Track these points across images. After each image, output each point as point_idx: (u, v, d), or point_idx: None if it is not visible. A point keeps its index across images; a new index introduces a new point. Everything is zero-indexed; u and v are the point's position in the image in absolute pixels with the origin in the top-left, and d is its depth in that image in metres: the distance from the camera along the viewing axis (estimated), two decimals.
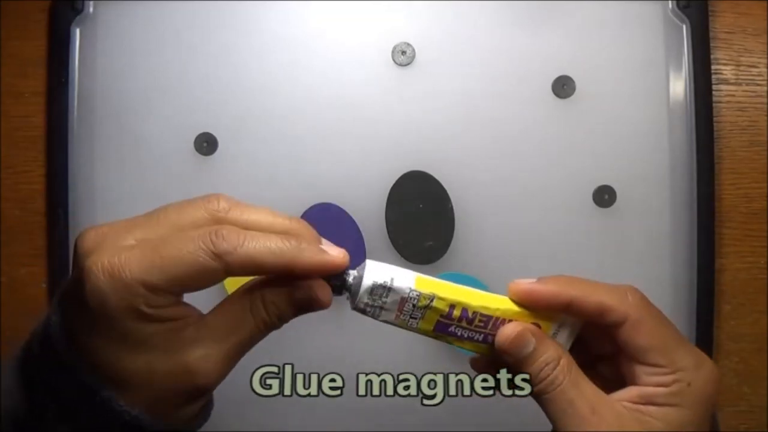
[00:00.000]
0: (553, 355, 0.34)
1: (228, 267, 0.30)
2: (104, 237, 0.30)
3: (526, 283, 0.35)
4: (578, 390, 0.34)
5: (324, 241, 0.33)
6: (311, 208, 0.48)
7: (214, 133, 0.49)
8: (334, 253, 0.32)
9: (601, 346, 0.35)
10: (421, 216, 0.48)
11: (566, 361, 0.34)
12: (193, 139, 0.49)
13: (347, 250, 0.49)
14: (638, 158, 0.49)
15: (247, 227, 0.31)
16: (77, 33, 0.49)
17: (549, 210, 0.49)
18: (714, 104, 0.49)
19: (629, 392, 0.34)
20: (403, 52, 0.49)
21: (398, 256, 0.48)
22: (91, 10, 0.49)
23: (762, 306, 0.50)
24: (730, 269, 0.50)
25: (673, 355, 0.34)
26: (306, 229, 0.32)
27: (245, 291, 0.32)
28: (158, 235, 0.30)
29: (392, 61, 0.49)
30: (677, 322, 0.49)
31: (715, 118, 0.49)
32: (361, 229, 0.48)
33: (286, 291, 0.32)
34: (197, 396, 0.32)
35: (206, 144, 0.49)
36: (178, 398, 0.31)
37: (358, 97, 0.49)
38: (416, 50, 0.49)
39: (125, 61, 0.49)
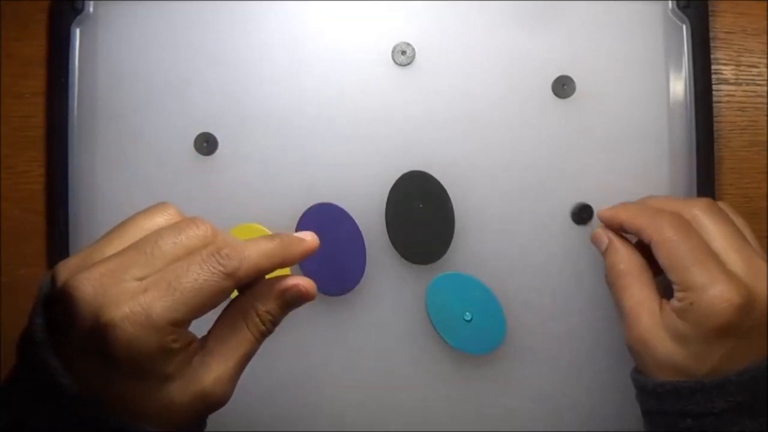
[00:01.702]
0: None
1: (238, 281, 0.32)
2: (104, 285, 0.30)
3: (605, 212, 0.43)
4: (635, 287, 0.40)
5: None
6: (311, 208, 0.48)
7: (214, 133, 0.49)
8: (309, 239, 0.36)
9: None
10: (421, 216, 0.48)
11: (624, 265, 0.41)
12: (193, 139, 0.49)
13: (347, 250, 0.49)
14: (638, 158, 0.49)
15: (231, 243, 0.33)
16: (77, 33, 0.49)
17: (549, 210, 0.49)
18: (714, 104, 0.49)
19: (667, 302, 0.38)
20: (403, 52, 0.49)
21: (398, 257, 0.48)
22: (91, 10, 0.49)
23: None
24: None
25: (684, 274, 0.37)
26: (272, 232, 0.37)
27: (237, 308, 0.35)
28: (158, 269, 0.31)
29: (392, 61, 0.49)
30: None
31: (715, 118, 0.49)
32: (361, 229, 0.48)
33: (276, 297, 0.35)
34: (210, 413, 0.34)
35: (206, 144, 0.49)
36: (195, 419, 0.33)
37: (358, 97, 0.49)
38: (416, 50, 0.49)
39: (125, 61, 0.49)
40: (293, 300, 0.35)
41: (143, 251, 0.32)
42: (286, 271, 0.48)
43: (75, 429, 0.31)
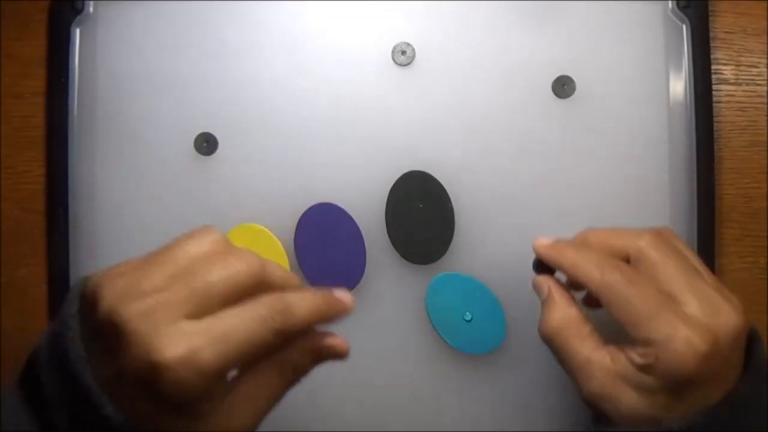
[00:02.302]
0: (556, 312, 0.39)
1: (284, 337, 0.33)
2: (156, 322, 0.31)
3: (544, 243, 0.41)
4: (575, 344, 0.38)
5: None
6: (311, 208, 0.48)
7: (214, 133, 0.49)
8: (347, 300, 0.36)
9: None
10: (421, 216, 0.48)
11: (568, 316, 0.39)
12: (193, 139, 0.49)
13: (347, 250, 0.49)
14: (638, 158, 0.49)
15: (275, 282, 0.34)
16: (77, 33, 0.49)
17: (549, 210, 0.49)
18: (714, 104, 0.49)
19: (617, 355, 0.37)
20: (403, 52, 0.49)
21: (398, 256, 0.48)
22: (91, 10, 0.49)
23: (762, 306, 0.50)
24: (730, 269, 0.50)
25: (642, 330, 0.35)
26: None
27: (273, 358, 0.36)
28: (210, 309, 0.32)
29: (392, 61, 0.49)
30: None
31: (715, 118, 0.49)
32: (361, 229, 0.48)
33: (312, 352, 0.36)
34: None
35: (206, 144, 0.49)
36: None
37: (358, 97, 0.49)
38: (416, 50, 0.49)
39: (125, 61, 0.49)
40: (327, 358, 0.36)
41: (194, 287, 0.32)
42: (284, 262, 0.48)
43: None
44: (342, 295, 0.36)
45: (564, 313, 0.39)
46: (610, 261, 0.38)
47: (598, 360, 0.37)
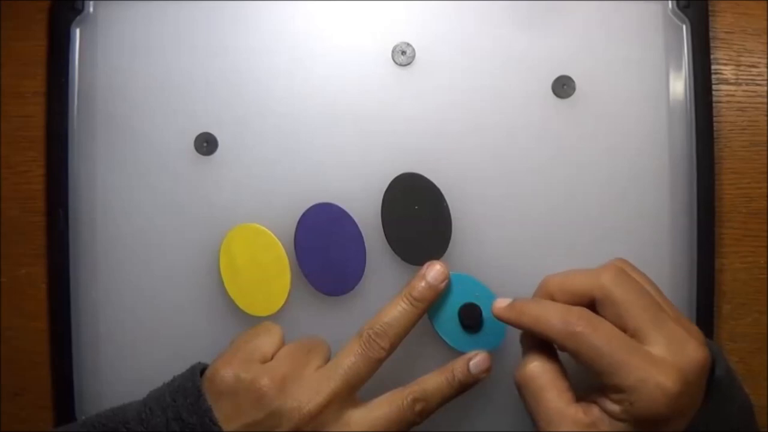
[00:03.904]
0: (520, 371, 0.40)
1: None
2: None
3: (501, 305, 0.41)
4: (550, 394, 0.38)
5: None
6: (311, 208, 0.48)
7: (214, 133, 0.49)
8: None
9: None
10: (417, 217, 0.48)
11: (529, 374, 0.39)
12: (193, 139, 0.49)
13: (347, 250, 0.49)
14: (638, 158, 0.49)
15: None
16: (77, 33, 0.49)
17: (548, 210, 0.49)
18: (714, 104, 0.49)
19: (589, 408, 0.37)
20: (403, 52, 0.49)
21: (396, 258, 0.48)
22: (91, 10, 0.49)
23: (762, 306, 0.50)
24: (730, 269, 0.50)
25: (613, 378, 0.35)
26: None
27: (409, 398, 0.42)
28: None
29: (392, 61, 0.49)
30: None
31: (715, 118, 0.49)
32: (361, 229, 0.48)
33: (439, 405, 0.43)
34: None
35: (206, 144, 0.49)
36: None
37: (358, 98, 0.49)
38: (416, 50, 0.49)
39: (125, 61, 0.49)
40: None
41: None
42: (286, 271, 0.48)
43: None
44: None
45: (543, 362, 0.39)
46: (571, 311, 0.38)
47: (572, 414, 0.37)
